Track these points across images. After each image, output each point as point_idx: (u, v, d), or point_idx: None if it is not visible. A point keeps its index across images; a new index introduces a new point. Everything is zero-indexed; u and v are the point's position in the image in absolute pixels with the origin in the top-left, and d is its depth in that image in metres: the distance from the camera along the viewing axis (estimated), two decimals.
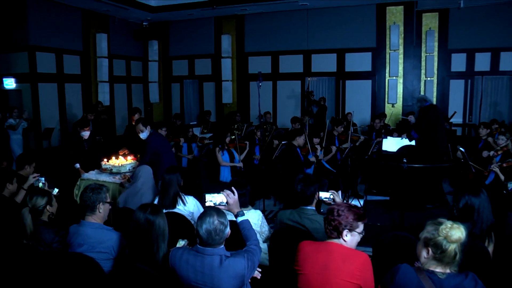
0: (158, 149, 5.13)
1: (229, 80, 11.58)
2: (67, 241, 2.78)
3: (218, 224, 2.28)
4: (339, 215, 2.35)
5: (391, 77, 10.27)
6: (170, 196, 3.69)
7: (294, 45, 11.03)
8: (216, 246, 2.30)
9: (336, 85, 11.00)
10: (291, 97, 11.37)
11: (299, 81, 11.23)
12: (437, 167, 5.83)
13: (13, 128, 7.88)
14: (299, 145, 6.18)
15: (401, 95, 10.31)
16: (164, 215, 2.61)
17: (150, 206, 2.59)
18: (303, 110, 10.98)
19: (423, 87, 10.09)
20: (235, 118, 9.89)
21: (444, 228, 2.05)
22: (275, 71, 11.39)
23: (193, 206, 3.78)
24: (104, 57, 10.31)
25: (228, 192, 2.76)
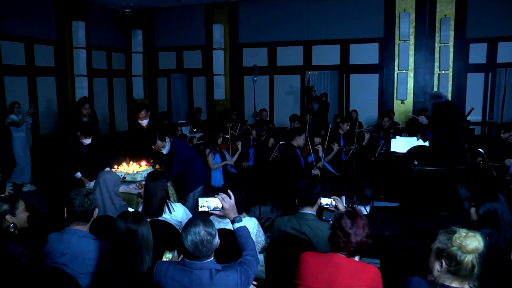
0: (187, 155, 5.05)
1: (221, 74, 11.57)
2: (45, 251, 2.75)
3: (205, 235, 2.26)
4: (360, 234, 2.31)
5: (401, 70, 10.29)
6: (156, 204, 3.70)
7: (293, 36, 11.03)
8: (204, 259, 2.28)
9: (339, 80, 11.00)
10: (290, 93, 11.37)
11: (298, 75, 11.23)
12: (453, 170, 5.83)
13: (16, 124, 7.77)
14: (299, 145, 6.17)
15: (412, 91, 10.32)
16: (148, 224, 2.59)
17: (132, 213, 2.57)
18: (303, 107, 10.99)
19: (437, 81, 10.09)
20: (230, 116, 9.88)
21: (458, 237, 2.03)
22: (272, 64, 11.39)
23: (181, 214, 3.78)
24: (81, 48, 10.24)
25: (224, 196, 2.75)
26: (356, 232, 2.29)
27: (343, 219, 2.33)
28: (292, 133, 6.26)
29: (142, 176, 5.29)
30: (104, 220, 3.60)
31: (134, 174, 5.34)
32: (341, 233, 2.31)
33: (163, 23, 12.16)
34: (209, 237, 2.27)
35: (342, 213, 2.38)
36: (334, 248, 2.36)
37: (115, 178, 4.09)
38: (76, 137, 5.51)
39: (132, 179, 5.30)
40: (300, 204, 3.34)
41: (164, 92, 12.57)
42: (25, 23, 9.30)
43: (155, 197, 3.70)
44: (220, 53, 11.51)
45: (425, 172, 5.38)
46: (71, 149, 5.48)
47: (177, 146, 5.01)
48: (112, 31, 11.58)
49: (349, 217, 2.34)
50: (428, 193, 5.70)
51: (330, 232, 2.38)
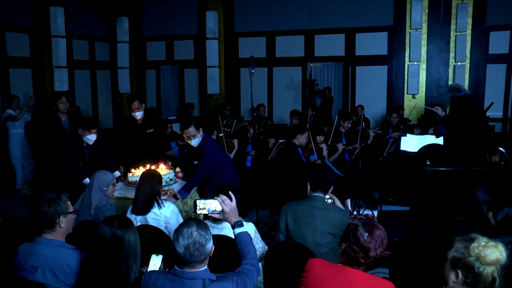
0: (217, 156, 4.98)
1: (216, 66, 11.54)
2: (15, 264, 2.72)
3: (197, 236, 2.26)
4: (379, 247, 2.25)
5: (412, 62, 10.29)
6: (144, 199, 3.87)
7: (294, 24, 11.01)
8: (197, 267, 2.27)
9: (344, 72, 11.00)
10: (290, 86, 11.36)
11: (299, 67, 11.21)
12: (470, 170, 5.82)
13: (14, 118, 7.73)
14: (301, 144, 6.17)
15: (424, 84, 10.32)
16: (136, 230, 2.58)
17: (118, 218, 2.55)
18: (305, 102, 10.97)
19: (452, 74, 10.08)
20: (224, 112, 9.86)
21: (476, 246, 2.00)
22: (271, 56, 11.38)
23: (170, 212, 3.91)
24: (60, 36, 10.16)
25: (224, 198, 2.72)
26: (376, 246, 2.23)
27: (359, 232, 2.25)
28: (293, 131, 6.27)
29: (164, 180, 5.04)
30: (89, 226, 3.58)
31: None
32: (359, 248, 2.23)
33: (151, 10, 12.12)
34: (202, 240, 2.27)
35: (355, 224, 2.29)
36: (350, 264, 2.29)
37: (108, 179, 4.29)
38: (76, 138, 5.33)
39: None
40: (312, 189, 3.55)
41: (152, 86, 12.53)
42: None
43: (144, 195, 3.89)
44: (214, 43, 11.48)
45: (438, 173, 5.37)
46: (73, 152, 5.31)
47: (206, 144, 4.92)
48: (95, 18, 11.53)
49: (365, 229, 2.26)
50: (442, 196, 5.70)
51: (345, 246, 2.30)
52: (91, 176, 4.38)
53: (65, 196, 2.86)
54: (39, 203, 2.79)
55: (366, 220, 2.31)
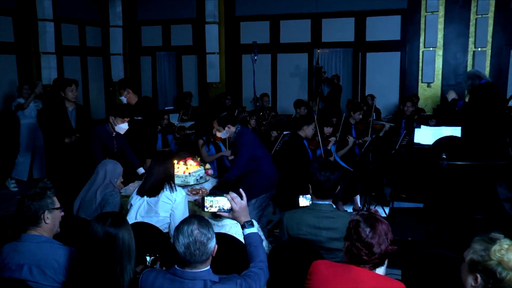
0: (256, 152, 4.87)
1: (216, 52, 11.51)
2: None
3: (198, 234, 2.27)
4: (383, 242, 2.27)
5: (427, 48, 10.24)
6: (155, 180, 3.98)
7: (300, 7, 10.97)
8: (198, 267, 2.28)
9: (353, 59, 10.96)
10: (296, 74, 11.33)
11: (305, 54, 11.18)
12: (491, 165, 5.80)
13: (21, 107, 7.78)
14: (307, 136, 6.16)
15: (440, 72, 10.28)
16: (130, 227, 2.58)
17: (111, 215, 2.55)
18: (311, 91, 10.95)
19: (471, 60, 10.02)
20: (224, 102, 9.84)
21: (498, 249, 1.98)
22: (275, 41, 11.34)
23: (180, 198, 4.01)
24: (48, 20, 10.09)
25: (234, 195, 2.73)
26: (379, 241, 2.24)
27: (361, 228, 2.26)
28: (299, 122, 6.26)
29: (194, 178, 5.10)
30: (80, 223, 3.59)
31: (185, 176, 5.11)
32: (361, 245, 2.25)
33: None
34: (204, 238, 2.28)
35: (357, 220, 2.30)
36: (354, 262, 2.30)
37: (119, 170, 4.35)
38: (106, 126, 5.29)
39: (184, 182, 5.06)
40: (317, 195, 3.34)
41: (148, 74, 12.51)
42: None
43: (155, 177, 4.01)
44: (214, 27, 11.44)
45: (455, 168, 5.35)
46: (101, 143, 5.26)
47: (244, 137, 4.82)
48: (85, 1, 11.49)
49: (367, 224, 2.27)
50: (459, 193, 5.68)
51: (348, 244, 2.31)
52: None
53: (50, 191, 2.89)
54: (23, 199, 2.81)
55: (368, 215, 2.32)
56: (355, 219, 2.31)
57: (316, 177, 3.28)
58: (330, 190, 3.30)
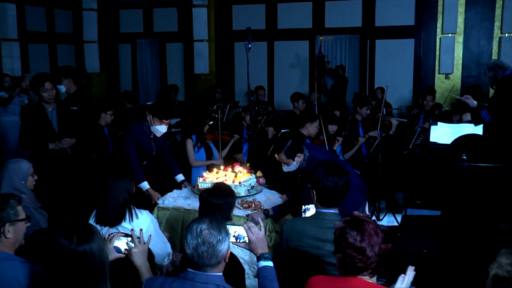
0: None
1: (204, 40, 11.51)
2: None
3: (208, 235, 2.37)
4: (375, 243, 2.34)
5: (445, 34, 10.27)
6: (114, 208, 3.64)
7: None
8: (208, 271, 2.40)
9: (361, 48, 10.99)
10: (295, 65, 11.35)
11: (306, 41, 11.20)
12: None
13: (5, 102, 7.68)
14: (310, 135, 6.15)
15: (461, 62, 10.31)
16: (102, 241, 2.54)
17: (76, 230, 2.50)
18: (313, 83, 10.93)
19: (497, 48, 10.04)
20: (214, 96, 9.81)
21: None
22: (272, 27, 11.35)
23: (147, 223, 3.71)
24: (8, 1, 10.04)
25: (251, 225, 2.85)
26: (371, 242, 2.32)
27: (348, 234, 2.35)
28: (302, 119, 6.26)
29: (246, 189, 4.88)
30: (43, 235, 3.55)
31: (235, 186, 4.82)
32: (353, 251, 2.32)
33: None
34: (213, 240, 2.38)
35: (342, 227, 2.39)
36: (351, 272, 2.37)
37: (24, 167, 4.18)
38: (143, 124, 5.15)
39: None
40: (322, 203, 3.35)
41: (127, 64, 12.51)
42: None
43: (114, 200, 3.65)
44: (203, 11, 11.44)
45: (477, 170, 5.35)
46: (138, 146, 5.09)
47: (312, 153, 4.57)
48: None
49: (353, 227, 2.36)
50: (482, 198, 5.68)
51: (338, 256, 2.40)
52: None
53: (14, 200, 2.84)
54: None
55: (351, 219, 2.41)
56: (339, 227, 2.41)
57: (322, 182, 3.29)
58: (338, 197, 3.33)
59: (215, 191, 3.67)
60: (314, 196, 3.37)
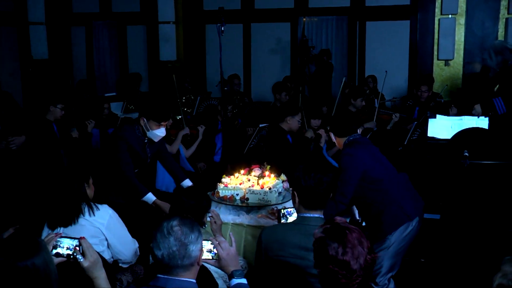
0: (372, 169, 4.29)
1: (171, 22, 11.45)
2: None
3: (178, 232, 2.46)
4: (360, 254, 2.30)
5: (445, 15, 10.36)
6: (69, 204, 3.73)
7: None
8: (181, 274, 2.48)
9: (349, 30, 11.07)
10: (275, 50, 11.40)
11: (288, 23, 11.26)
12: None
13: None
14: (291, 130, 6.16)
15: (462, 46, 10.42)
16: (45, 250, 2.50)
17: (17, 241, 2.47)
18: (295, 72, 10.96)
19: (503, 30, 10.14)
20: (183, 86, 9.78)
21: None
22: (248, 7, 11.38)
23: (107, 217, 3.81)
24: None
25: (221, 239, 2.86)
26: (355, 255, 2.28)
27: (329, 247, 2.31)
28: (282, 112, 6.26)
29: (275, 196, 4.75)
30: None
31: (265, 193, 4.74)
32: (335, 266, 2.28)
33: None
34: (184, 238, 2.45)
35: (321, 237, 2.37)
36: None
37: None
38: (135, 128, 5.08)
39: (263, 202, 4.71)
40: (306, 205, 3.33)
41: (81, 50, 12.41)
42: None
43: (67, 196, 3.76)
44: None
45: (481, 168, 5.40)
46: (130, 152, 5.00)
47: (354, 149, 4.33)
48: None
49: (334, 238, 2.33)
50: (486, 200, 5.74)
51: (319, 271, 2.39)
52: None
53: None
54: None
55: (331, 227, 2.39)
56: (318, 237, 2.39)
57: (304, 181, 3.27)
58: (323, 196, 3.31)
59: (191, 191, 3.72)
60: (295, 199, 3.35)
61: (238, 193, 4.79)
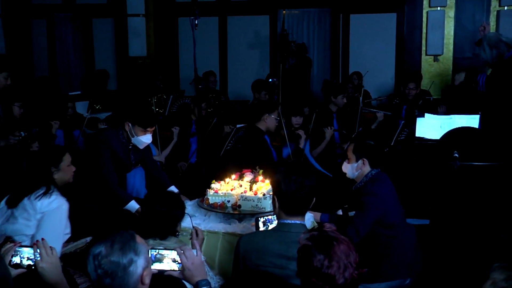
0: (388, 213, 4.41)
1: (141, 14, 11.42)
2: None
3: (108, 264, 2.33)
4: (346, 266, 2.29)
5: (434, 7, 10.43)
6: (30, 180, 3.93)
7: None
8: None
9: (332, 24, 11.12)
10: (254, 45, 11.42)
11: (267, 16, 11.29)
12: None
13: None
14: (269, 129, 6.17)
15: (452, 41, 10.49)
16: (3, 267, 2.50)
17: None
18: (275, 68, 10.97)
19: (494, 23, 10.21)
20: (154, 84, 9.75)
21: None
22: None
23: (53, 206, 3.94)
24: None
25: (186, 248, 2.82)
26: (341, 268, 2.26)
27: (313, 256, 2.29)
28: (258, 110, 6.25)
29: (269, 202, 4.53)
30: None
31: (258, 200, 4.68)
32: (319, 280, 2.27)
33: None
34: (116, 267, 2.33)
35: (306, 245, 2.35)
36: None
37: None
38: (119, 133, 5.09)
39: (257, 209, 4.65)
40: (286, 211, 3.32)
41: (42, 44, 12.29)
42: None
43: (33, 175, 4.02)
44: None
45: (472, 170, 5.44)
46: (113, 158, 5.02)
47: (378, 187, 4.44)
48: None
49: (321, 248, 2.30)
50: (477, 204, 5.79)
51: (301, 282, 2.38)
52: None
53: None
54: None
55: (319, 235, 2.37)
56: (304, 244, 2.36)
57: (284, 185, 3.25)
58: (305, 202, 3.29)
59: (164, 197, 3.70)
60: (276, 204, 3.33)
61: (230, 199, 4.72)
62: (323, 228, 2.42)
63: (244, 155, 6.23)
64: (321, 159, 6.84)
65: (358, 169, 4.54)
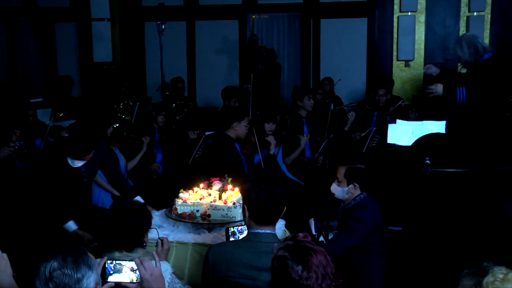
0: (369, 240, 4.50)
1: (106, 19, 11.34)
2: None
3: (60, 277, 2.30)
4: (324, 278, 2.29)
5: (404, 12, 10.56)
6: None
7: None
8: None
9: (302, 28, 11.17)
10: (223, 50, 11.43)
11: (236, 20, 11.32)
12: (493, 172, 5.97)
13: None
14: (239, 137, 6.19)
15: (423, 46, 10.62)
16: None
17: None
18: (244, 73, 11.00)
19: (464, 28, 10.37)
20: (120, 90, 9.71)
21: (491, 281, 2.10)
22: (192, 3, 11.41)
23: None
24: None
25: (143, 259, 2.76)
26: (319, 280, 2.26)
27: (290, 267, 2.28)
28: (227, 118, 6.26)
29: (240, 211, 4.48)
30: None
31: (228, 209, 4.69)
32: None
33: None
34: (69, 280, 2.30)
35: (282, 256, 2.32)
36: None
37: None
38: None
39: (227, 218, 4.66)
40: (257, 220, 3.31)
41: (1, 50, 12.14)
42: None
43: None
44: None
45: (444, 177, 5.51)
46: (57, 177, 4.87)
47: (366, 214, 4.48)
48: None
49: (298, 259, 2.29)
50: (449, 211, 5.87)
51: None
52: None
53: None
54: None
55: (296, 245, 2.36)
56: (279, 255, 2.33)
57: (254, 193, 3.23)
58: (275, 211, 3.28)
59: (129, 208, 3.65)
60: (246, 213, 3.31)
61: (199, 209, 4.69)
62: (297, 238, 2.39)
63: (213, 164, 6.23)
64: (292, 166, 6.88)
65: (348, 193, 4.57)
